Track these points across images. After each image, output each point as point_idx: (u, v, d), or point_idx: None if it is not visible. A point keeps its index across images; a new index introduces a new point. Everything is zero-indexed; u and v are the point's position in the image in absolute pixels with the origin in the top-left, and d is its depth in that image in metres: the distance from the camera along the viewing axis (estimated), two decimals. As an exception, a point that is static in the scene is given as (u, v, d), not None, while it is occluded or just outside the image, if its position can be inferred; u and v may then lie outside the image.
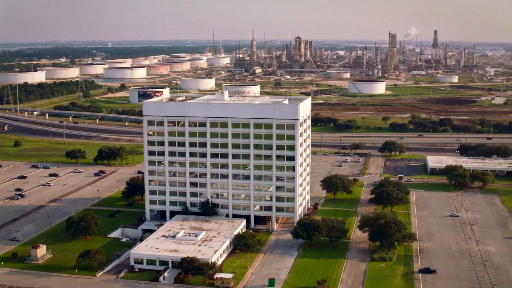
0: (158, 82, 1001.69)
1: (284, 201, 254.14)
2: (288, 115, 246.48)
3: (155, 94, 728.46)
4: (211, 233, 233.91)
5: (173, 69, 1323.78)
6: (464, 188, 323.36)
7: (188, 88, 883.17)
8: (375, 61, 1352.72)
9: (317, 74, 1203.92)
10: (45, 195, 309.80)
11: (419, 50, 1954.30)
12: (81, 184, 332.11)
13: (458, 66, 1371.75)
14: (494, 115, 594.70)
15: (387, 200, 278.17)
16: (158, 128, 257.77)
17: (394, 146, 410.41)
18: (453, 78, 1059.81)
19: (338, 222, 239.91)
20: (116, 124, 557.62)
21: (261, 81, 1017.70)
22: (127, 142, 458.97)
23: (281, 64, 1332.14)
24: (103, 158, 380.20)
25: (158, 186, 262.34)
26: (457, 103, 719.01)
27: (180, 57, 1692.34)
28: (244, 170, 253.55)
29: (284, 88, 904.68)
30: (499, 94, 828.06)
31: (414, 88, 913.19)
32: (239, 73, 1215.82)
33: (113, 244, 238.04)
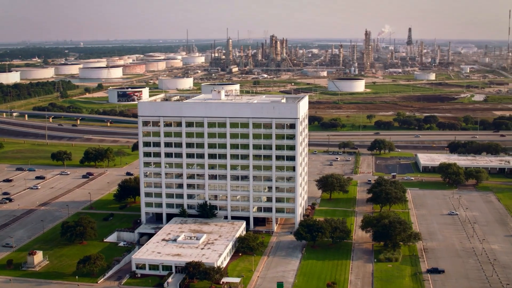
0: (135, 82, 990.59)
1: (284, 202, 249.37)
2: (288, 114, 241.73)
3: (135, 94, 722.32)
4: (213, 236, 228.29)
5: (149, 68, 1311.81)
6: (459, 186, 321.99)
7: (166, 88, 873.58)
8: (351, 59, 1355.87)
9: (294, 72, 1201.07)
10: (34, 198, 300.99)
11: (392, 48, 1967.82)
12: (70, 187, 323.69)
13: (433, 63, 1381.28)
14: (477, 112, 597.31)
15: (385, 199, 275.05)
16: (153, 128, 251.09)
17: (384, 144, 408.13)
18: (430, 75, 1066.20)
19: (341, 222, 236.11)
20: (98, 124, 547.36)
21: (239, 80, 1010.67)
22: (111, 143, 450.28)
23: (257, 62, 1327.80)
24: (90, 160, 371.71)
25: (154, 188, 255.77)
26: (438, 100, 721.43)
27: (154, 57, 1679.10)
28: (243, 170, 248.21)
29: (263, 87, 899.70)
30: (478, 91, 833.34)
31: (393, 86, 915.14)
32: (215, 72, 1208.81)
33: (110, 248, 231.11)
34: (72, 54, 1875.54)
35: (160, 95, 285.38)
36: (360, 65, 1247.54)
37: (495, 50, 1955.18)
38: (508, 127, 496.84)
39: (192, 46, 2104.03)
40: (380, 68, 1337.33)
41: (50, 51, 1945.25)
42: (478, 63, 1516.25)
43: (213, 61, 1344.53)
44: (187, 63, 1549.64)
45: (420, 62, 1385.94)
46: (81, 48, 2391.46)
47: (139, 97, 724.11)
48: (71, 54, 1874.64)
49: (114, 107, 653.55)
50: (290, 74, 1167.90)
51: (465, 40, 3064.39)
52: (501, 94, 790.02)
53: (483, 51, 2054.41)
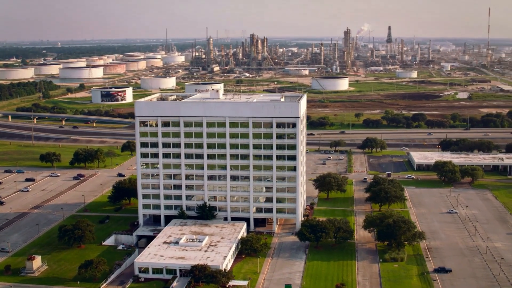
0: (117, 82, 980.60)
1: (285, 202, 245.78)
2: (289, 113, 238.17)
3: (118, 94, 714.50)
4: (215, 237, 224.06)
5: (129, 68, 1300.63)
6: (455, 184, 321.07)
7: (148, 87, 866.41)
8: (332, 57, 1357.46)
9: (275, 71, 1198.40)
10: (25, 201, 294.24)
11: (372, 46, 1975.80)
12: (61, 189, 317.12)
13: (414, 61, 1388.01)
14: (463, 110, 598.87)
15: (385, 198, 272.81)
16: (151, 129, 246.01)
17: (375, 143, 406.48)
18: (412, 73, 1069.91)
19: (344, 222, 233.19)
20: (83, 125, 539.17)
21: (221, 79, 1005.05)
22: (99, 144, 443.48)
23: (238, 61, 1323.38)
24: (80, 161, 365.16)
25: (151, 189, 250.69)
26: (423, 98, 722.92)
27: (134, 56, 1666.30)
28: (243, 171, 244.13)
29: (246, 86, 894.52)
30: (461, 88, 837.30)
31: (376, 84, 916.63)
32: (196, 71, 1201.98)
33: (109, 252, 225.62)
34: (50, 54, 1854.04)
35: (156, 95, 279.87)
36: (341, 64, 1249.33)
37: (474, 48, 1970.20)
38: (497, 125, 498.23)
39: (171, 46, 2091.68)
40: (361, 66, 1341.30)
41: (27, 51, 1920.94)
42: (458, 60, 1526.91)
43: (194, 60, 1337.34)
44: (167, 62, 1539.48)
45: (401, 60, 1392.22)
46: (59, 48, 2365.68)
47: (123, 97, 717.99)
48: (49, 54, 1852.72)
49: (98, 107, 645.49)
50: (272, 73, 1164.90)
51: (443, 38, 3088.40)
52: (485, 92, 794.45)
53: (461, 49, 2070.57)
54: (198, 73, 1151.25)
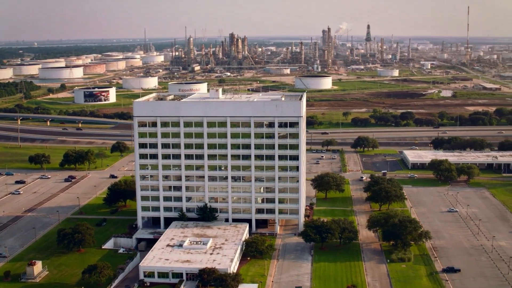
0: (98, 82, 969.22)
1: (287, 203, 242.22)
2: (291, 112, 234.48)
3: (102, 94, 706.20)
4: (218, 240, 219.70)
5: (109, 68, 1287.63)
6: (451, 183, 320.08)
7: (130, 87, 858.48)
8: (312, 56, 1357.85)
9: (256, 70, 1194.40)
10: (18, 204, 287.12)
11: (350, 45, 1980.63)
12: (53, 191, 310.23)
13: (394, 60, 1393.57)
14: (449, 108, 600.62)
15: (385, 197, 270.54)
16: (150, 129, 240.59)
17: (367, 142, 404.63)
18: (394, 72, 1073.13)
19: (349, 222, 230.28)
20: (69, 126, 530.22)
21: (202, 79, 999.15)
22: (87, 145, 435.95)
23: (218, 61, 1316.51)
24: (70, 163, 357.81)
25: (150, 191, 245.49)
26: (408, 96, 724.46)
27: (113, 56, 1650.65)
28: (244, 171, 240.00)
29: (229, 85, 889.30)
30: (444, 87, 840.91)
31: (358, 83, 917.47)
32: (177, 71, 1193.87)
33: (110, 256, 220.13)
34: (27, 54, 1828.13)
35: (152, 95, 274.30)
36: (322, 62, 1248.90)
37: (452, 46, 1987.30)
38: (485, 123, 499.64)
39: (150, 45, 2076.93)
40: (342, 65, 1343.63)
41: (4, 52, 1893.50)
42: (437, 59, 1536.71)
43: (174, 60, 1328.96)
44: (146, 62, 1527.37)
45: (381, 59, 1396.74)
46: (36, 48, 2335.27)
47: (106, 97, 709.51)
48: (26, 54, 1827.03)
49: (82, 107, 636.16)
50: (253, 72, 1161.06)
51: (420, 37, 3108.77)
52: (468, 90, 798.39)
53: (439, 47, 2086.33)
54: (179, 73, 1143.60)
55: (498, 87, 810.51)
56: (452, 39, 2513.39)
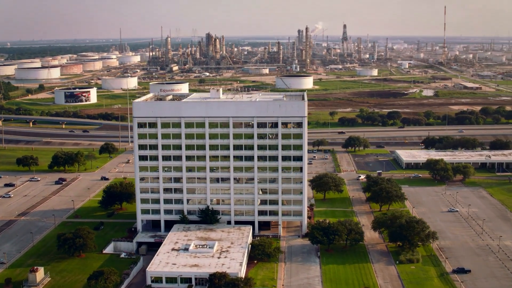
0: (76, 82, 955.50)
1: (291, 204, 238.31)
2: (295, 112, 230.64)
3: (83, 95, 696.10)
4: (224, 243, 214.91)
5: (86, 68, 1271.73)
6: (447, 182, 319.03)
7: (110, 88, 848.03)
8: (290, 56, 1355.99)
9: (235, 70, 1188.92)
10: (10, 208, 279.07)
11: (326, 44, 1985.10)
12: (45, 194, 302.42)
13: (372, 59, 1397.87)
14: (433, 107, 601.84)
15: (386, 198, 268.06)
16: (150, 130, 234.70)
17: (358, 142, 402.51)
18: (373, 71, 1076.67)
19: (355, 224, 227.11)
20: (52, 127, 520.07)
21: (181, 79, 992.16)
22: (73, 146, 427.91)
23: (196, 61, 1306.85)
24: (59, 165, 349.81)
25: (150, 193, 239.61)
26: (391, 96, 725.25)
27: (89, 56, 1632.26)
28: (247, 173, 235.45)
29: (209, 85, 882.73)
30: (425, 86, 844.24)
31: (339, 82, 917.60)
32: (155, 71, 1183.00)
33: (112, 261, 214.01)
34: (0, 54, 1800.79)
35: (149, 95, 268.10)
36: (300, 62, 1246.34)
37: (427, 46, 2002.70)
38: (472, 122, 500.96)
39: (125, 45, 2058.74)
40: (319, 65, 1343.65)
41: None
42: (414, 58, 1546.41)
43: (151, 60, 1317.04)
44: (123, 62, 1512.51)
45: (358, 58, 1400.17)
46: (9, 48, 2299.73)
47: (87, 97, 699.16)
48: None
49: (63, 108, 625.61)
50: (232, 72, 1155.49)
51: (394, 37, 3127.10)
52: (449, 89, 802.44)
53: (414, 47, 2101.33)
54: (157, 73, 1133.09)
55: (478, 86, 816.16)
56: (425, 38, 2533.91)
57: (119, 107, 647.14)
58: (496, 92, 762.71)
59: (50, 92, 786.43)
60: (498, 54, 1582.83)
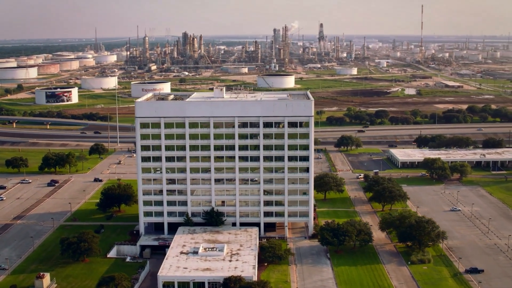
0: (55, 82, 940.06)
1: (297, 205, 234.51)
2: (302, 112, 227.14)
3: (64, 95, 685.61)
4: (233, 245, 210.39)
5: (63, 68, 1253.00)
6: (445, 181, 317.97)
7: (90, 87, 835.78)
8: (268, 55, 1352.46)
9: (213, 69, 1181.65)
10: (3, 211, 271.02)
11: (301, 43, 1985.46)
12: (38, 197, 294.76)
13: (350, 58, 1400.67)
14: (418, 106, 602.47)
15: (389, 197, 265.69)
16: (153, 130, 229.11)
17: (351, 141, 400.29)
18: (352, 70, 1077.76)
19: (364, 224, 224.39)
20: (36, 127, 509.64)
21: (161, 78, 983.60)
22: (60, 147, 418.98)
23: (174, 60, 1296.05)
24: (50, 166, 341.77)
25: (153, 195, 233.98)
26: (374, 95, 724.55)
27: (65, 56, 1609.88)
28: (252, 173, 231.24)
29: (190, 84, 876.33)
30: (406, 85, 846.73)
31: (321, 81, 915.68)
32: (133, 70, 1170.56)
33: (118, 265, 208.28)
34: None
35: (149, 94, 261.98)
36: (278, 61, 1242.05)
37: (403, 45, 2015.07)
38: (460, 120, 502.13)
39: (100, 45, 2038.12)
40: (297, 64, 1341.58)
41: None
42: (391, 57, 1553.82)
43: (129, 59, 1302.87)
44: (99, 62, 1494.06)
45: (336, 57, 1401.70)
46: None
47: (69, 97, 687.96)
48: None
49: (45, 108, 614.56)
50: (211, 71, 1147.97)
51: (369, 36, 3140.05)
52: (431, 88, 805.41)
53: (389, 45, 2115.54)
54: (135, 73, 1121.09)
55: (460, 85, 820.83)
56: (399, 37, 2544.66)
57: (102, 107, 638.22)
58: (478, 91, 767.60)
59: (29, 92, 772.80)
60: (474, 53, 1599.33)
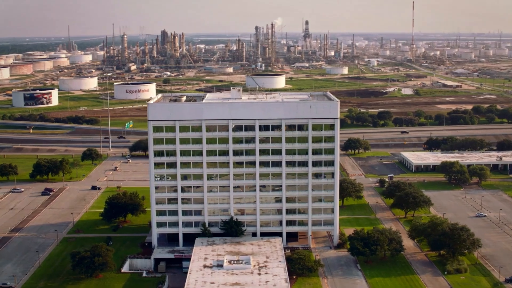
0: (30, 83, 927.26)
1: (321, 213, 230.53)
2: (327, 113, 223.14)
3: (44, 97, 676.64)
4: (258, 257, 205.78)
5: (36, 68, 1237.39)
6: (464, 185, 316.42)
7: (68, 89, 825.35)
8: (253, 54, 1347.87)
9: (197, 69, 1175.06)
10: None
11: (284, 42, 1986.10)
12: (34, 207, 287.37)
13: (338, 57, 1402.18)
14: (420, 106, 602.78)
15: (413, 203, 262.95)
16: (167, 135, 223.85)
17: (359, 144, 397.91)
18: (343, 69, 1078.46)
19: (395, 233, 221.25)
20: (18, 132, 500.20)
21: (142, 79, 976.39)
22: (48, 153, 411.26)
23: (154, 60, 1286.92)
24: (42, 173, 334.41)
25: (167, 204, 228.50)
26: (371, 95, 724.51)
27: (37, 56, 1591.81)
28: (274, 179, 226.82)
29: (175, 85, 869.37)
30: (402, 84, 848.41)
31: (312, 81, 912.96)
32: (111, 71, 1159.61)
33: (135, 280, 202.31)
34: None
35: (158, 96, 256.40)
36: (264, 60, 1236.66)
37: (391, 43, 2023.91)
38: (466, 121, 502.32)
39: (73, 44, 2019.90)
40: (283, 63, 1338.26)
41: None
42: (380, 55, 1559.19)
43: (106, 59, 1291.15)
44: (74, 62, 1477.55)
45: (324, 56, 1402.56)
46: None
47: (49, 99, 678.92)
48: None
49: (23, 111, 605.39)
50: (194, 71, 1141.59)
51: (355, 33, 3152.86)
52: (428, 87, 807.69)
53: (375, 44, 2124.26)
54: (114, 73, 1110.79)
55: (458, 85, 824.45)
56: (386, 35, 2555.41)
57: (85, 109, 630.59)
58: (478, 90, 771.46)
59: (4, 94, 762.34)
60: (465, 51, 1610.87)
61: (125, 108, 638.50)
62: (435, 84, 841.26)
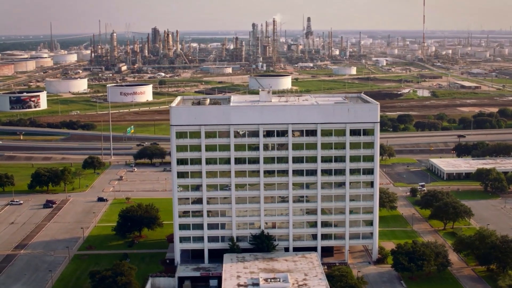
0: (13, 85, 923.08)
1: (359, 226, 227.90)
2: (366, 117, 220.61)
3: (31, 100, 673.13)
4: (296, 275, 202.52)
5: (18, 69, 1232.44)
6: (501, 194, 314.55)
7: (56, 91, 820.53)
8: (253, 53, 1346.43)
9: (193, 70, 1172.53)
10: (0, 239, 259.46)
11: (284, 40, 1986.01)
12: (36, 221, 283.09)
13: (344, 56, 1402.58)
14: (440, 109, 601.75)
15: (453, 214, 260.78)
16: (191, 141, 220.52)
17: (383, 150, 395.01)
18: (351, 70, 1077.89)
19: (441, 246, 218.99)
20: (7, 138, 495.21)
21: (135, 80, 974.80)
22: (43, 161, 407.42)
23: (146, 59, 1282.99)
24: (42, 184, 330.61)
25: (192, 218, 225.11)
26: (386, 97, 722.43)
27: (17, 55, 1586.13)
28: (308, 190, 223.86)
29: (172, 87, 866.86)
30: (416, 86, 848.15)
31: (320, 82, 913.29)
32: (99, 71, 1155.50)
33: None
34: None
35: (177, 98, 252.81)
36: (265, 60, 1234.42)
37: (398, 41, 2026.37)
38: (493, 125, 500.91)
39: (55, 43, 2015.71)
40: (285, 62, 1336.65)
41: None
42: (388, 55, 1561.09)
43: (94, 59, 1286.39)
44: (58, 62, 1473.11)
45: (329, 55, 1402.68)
46: None
47: (37, 103, 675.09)
48: None
49: (9, 116, 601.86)
50: (191, 72, 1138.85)
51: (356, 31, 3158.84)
52: (445, 89, 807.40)
53: (381, 42, 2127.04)
54: (103, 74, 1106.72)
55: (477, 86, 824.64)
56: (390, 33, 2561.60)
57: (77, 113, 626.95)
58: (499, 92, 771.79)
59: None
60: (479, 50, 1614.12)
61: (122, 112, 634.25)
62: (452, 85, 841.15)
